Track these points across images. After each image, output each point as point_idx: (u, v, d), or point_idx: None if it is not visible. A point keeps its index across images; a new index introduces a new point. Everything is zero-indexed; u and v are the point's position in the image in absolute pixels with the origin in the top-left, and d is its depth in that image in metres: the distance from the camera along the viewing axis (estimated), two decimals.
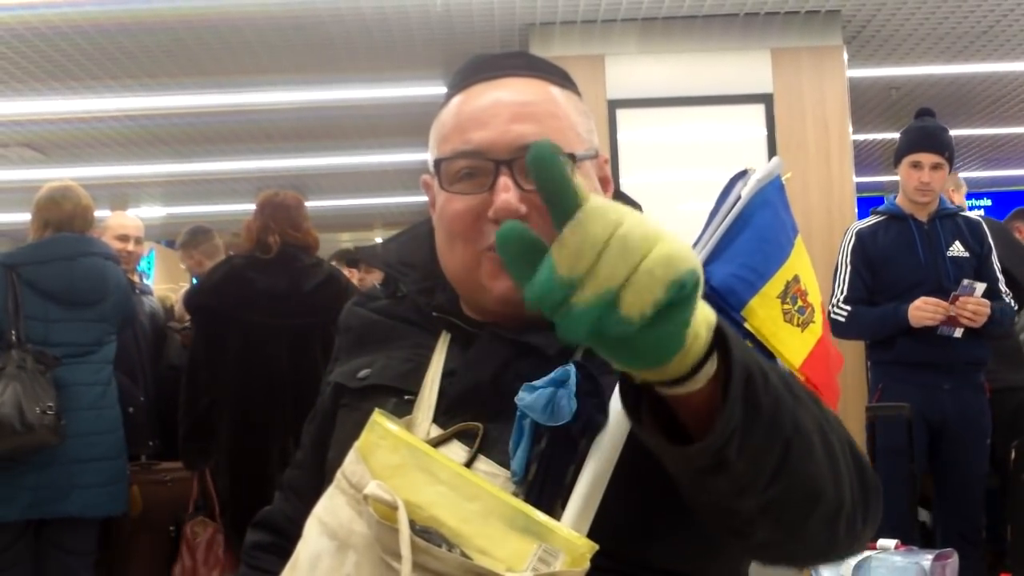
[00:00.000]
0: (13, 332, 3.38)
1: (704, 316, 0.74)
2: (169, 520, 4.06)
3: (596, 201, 0.68)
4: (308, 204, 4.06)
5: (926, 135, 3.97)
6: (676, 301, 0.68)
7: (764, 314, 0.94)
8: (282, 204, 3.87)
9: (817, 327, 1.00)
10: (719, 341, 0.77)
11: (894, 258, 3.86)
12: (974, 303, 3.67)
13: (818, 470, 0.84)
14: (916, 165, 3.91)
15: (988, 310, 3.68)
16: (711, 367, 0.76)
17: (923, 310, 3.67)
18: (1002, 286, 3.85)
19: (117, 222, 4.62)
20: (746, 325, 0.94)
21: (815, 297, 1.00)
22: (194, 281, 4.98)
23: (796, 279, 0.98)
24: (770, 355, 0.97)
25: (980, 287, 3.70)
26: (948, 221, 3.95)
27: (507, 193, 1.08)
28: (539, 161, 0.67)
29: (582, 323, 0.67)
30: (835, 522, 0.88)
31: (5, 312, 3.39)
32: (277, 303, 3.71)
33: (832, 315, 3.75)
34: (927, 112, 4.13)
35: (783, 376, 0.85)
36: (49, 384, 3.36)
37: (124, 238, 4.51)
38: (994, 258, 3.92)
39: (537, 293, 0.67)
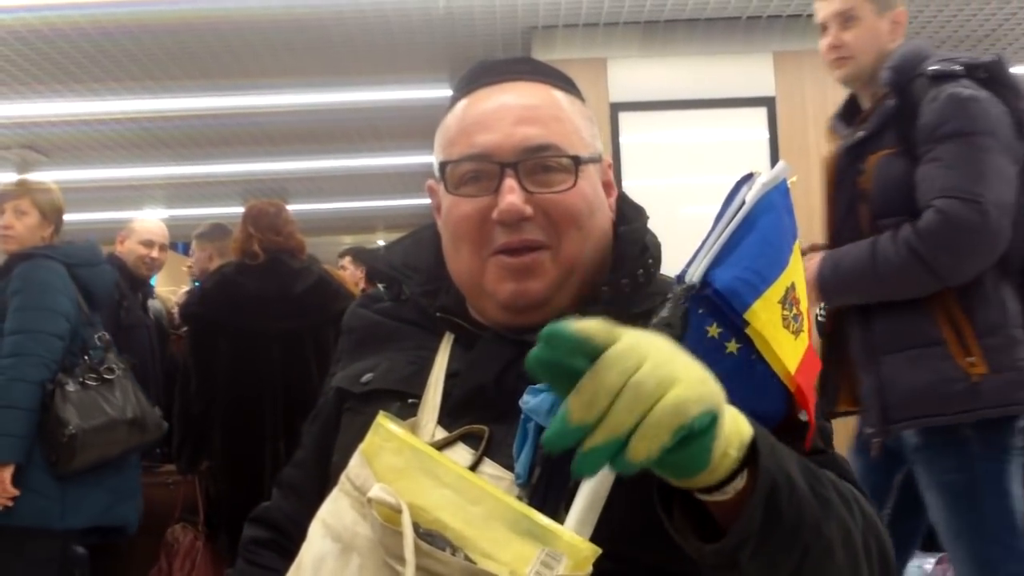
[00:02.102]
0: (97, 336, 3.34)
1: (737, 434, 0.79)
2: (170, 523, 4.06)
3: (620, 346, 0.72)
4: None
5: None
6: (688, 440, 0.72)
7: (766, 318, 0.94)
8: (261, 212, 3.93)
9: (805, 336, 1.00)
10: (752, 455, 0.80)
11: None
12: None
13: (837, 573, 0.87)
14: None
15: None
16: (740, 482, 0.80)
17: None
18: None
19: (143, 227, 4.54)
20: (747, 330, 0.93)
21: (805, 305, 1.00)
22: (195, 284, 4.98)
23: (793, 286, 0.98)
24: (766, 363, 0.96)
25: None
26: None
27: (512, 195, 1.09)
28: (550, 338, 0.72)
29: (592, 464, 0.72)
30: None
31: (81, 313, 3.33)
32: (267, 307, 3.74)
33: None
34: None
35: (815, 479, 0.87)
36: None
37: (149, 243, 4.47)
38: None
39: (551, 439, 0.73)
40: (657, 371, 0.71)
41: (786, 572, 0.83)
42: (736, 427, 0.78)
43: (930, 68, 2.44)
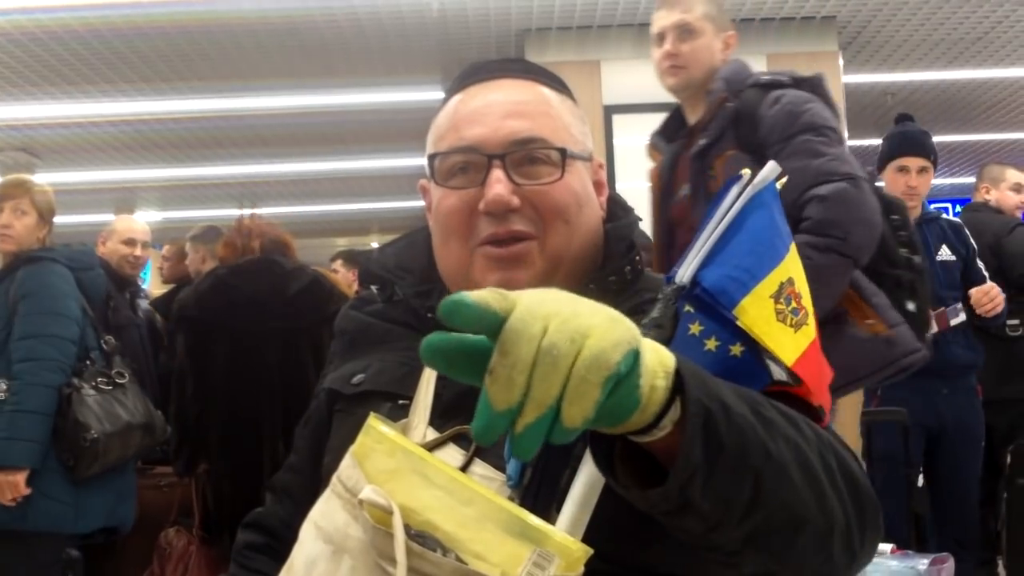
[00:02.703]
0: (103, 340, 3.35)
1: (662, 365, 0.74)
2: (164, 525, 4.05)
3: (519, 312, 0.68)
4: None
5: (910, 139, 3.96)
6: (616, 385, 0.69)
7: (756, 313, 0.94)
8: (253, 215, 4.02)
9: (811, 329, 0.99)
10: (680, 384, 0.76)
11: None
12: (990, 296, 3.66)
13: (797, 496, 0.83)
14: (903, 169, 3.88)
15: (1002, 297, 3.69)
16: (675, 413, 0.75)
17: None
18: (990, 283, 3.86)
19: (125, 226, 4.54)
20: (738, 323, 0.94)
21: (809, 301, 1.00)
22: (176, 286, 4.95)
23: (791, 281, 0.98)
24: (761, 352, 0.96)
25: (962, 315, 3.70)
26: (933, 225, 3.93)
27: (499, 185, 1.10)
28: (447, 311, 0.67)
29: (529, 444, 0.67)
30: (827, 544, 0.86)
31: (87, 317, 3.33)
32: (263, 308, 3.74)
33: None
34: (907, 118, 4.13)
35: (755, 402, 0.83)
36: None
37: (131, 242, 4.47)
38: (977, 259, 3.92)
39: (480, 431, 0.67)
40: (566, 327, 0.67)
41: (742, 503, 0.79)
42: (658, 357, 0.74)
43: (763, 78, 2.59)
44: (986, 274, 3.89)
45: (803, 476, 0.83)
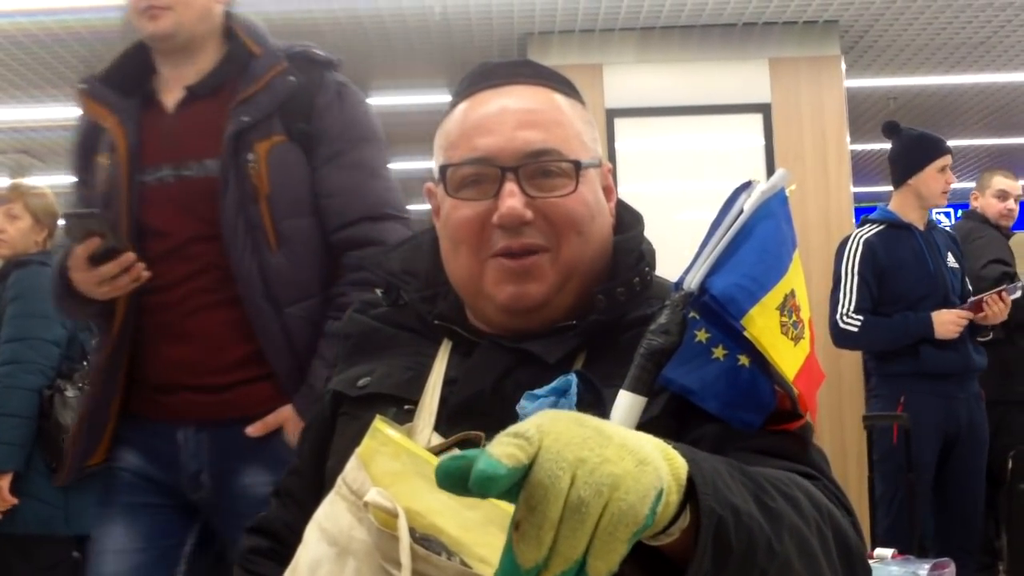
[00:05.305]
0: (95, 341, 3.37)
1: (676, 479, 0.71)
2: None
3: (544, 463, 0.64)
4: None
5: (937, 139, 3.92)
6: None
7: (763, 324, 0.94)
8: None
9: (806, 343, 1.00)
10: (691, 490, 0.74)
11: (904, 268, 3.73)
12: (1005, 302, 3.66)
13: None
14: (943, 169, 3.82)
15: (1003, 314, 3.68)
16: (684, 521, 0.74)
17: (955, 324, 3.62)
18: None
19: None
20: (746, 334, 0.94)
21: (806, 313, 1.00)
22: None
23: (792, 293, 0.98)
24: (768, 367, 0.96)
25: (1019, 291, 3.70)
26: (939, 232, 3.92)
27: (512, 199, 1.09)
28: (481, 486, 0.62)
29: None
30: None
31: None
32: None
33: (842, 325, 3.64)
34: (896, 125, 4.03)
35: (759, 489, 0.82)
36: None
37: None
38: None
39: None
40: (593, 478, 0.64)
41: None
42: (673, 470, 0.71)
43: (316, 51, 2.13)
44: (970, 288, 3.89)
45: (804, 565, 0.83)
